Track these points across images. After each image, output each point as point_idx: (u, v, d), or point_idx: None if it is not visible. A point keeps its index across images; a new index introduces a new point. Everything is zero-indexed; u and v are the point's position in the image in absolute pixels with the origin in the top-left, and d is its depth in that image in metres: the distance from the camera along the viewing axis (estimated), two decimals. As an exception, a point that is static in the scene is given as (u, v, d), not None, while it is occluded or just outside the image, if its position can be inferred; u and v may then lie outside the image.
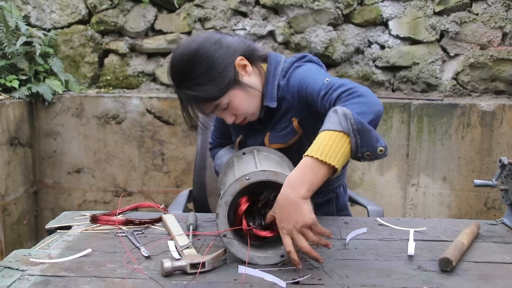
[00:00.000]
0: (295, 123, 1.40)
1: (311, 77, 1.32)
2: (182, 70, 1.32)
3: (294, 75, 1.38)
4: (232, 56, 1.35)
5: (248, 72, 1.39)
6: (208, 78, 1.31)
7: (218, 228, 1.12)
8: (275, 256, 1.13)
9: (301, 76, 1.35)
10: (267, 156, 1.33)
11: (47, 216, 3.13)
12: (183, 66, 1.32)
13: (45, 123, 3.12)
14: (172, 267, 1.05)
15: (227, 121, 1.42)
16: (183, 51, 1.32)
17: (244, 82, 1.37)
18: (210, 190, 2.10)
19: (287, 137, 1.42)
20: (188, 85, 1.32)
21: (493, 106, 2.91)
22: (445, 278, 1.06)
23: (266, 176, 1.12)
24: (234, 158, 1.38)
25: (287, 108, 1.41)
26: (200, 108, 1.38)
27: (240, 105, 1.38)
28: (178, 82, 1.34)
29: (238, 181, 1.11)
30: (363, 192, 2.99)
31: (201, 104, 1.36)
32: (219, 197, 1.13)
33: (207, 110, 1.38)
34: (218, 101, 1.34)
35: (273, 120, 1.44)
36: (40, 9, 3.38)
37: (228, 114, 1.40)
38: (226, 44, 1.35)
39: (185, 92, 1.33)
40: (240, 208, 1.17)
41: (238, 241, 1.14)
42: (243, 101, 1.38)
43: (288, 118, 1.41)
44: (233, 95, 1.35)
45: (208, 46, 1.32)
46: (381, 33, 3.28)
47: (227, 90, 1.33)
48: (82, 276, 1.05)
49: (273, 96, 1.40)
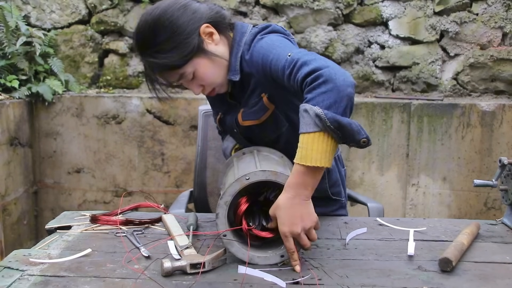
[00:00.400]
0: (264, 99, 1.35)
1: (274, 52, 1.24)
2: (145, 37, 1.28)
3: (256, 49, 1.30)
4: (197, 23, 1.29)
5: (215, 40, 1.33)
6: (171, 45, 1.26)
7: (218, 228, 1.12)
8: (275, 256, 1.13)
9: (264, 51, 1.28)
10: (267, 156, 1.33)
11: (47, 216, 3.13)
12: (145, 32, 1.27)
13: (45, 123, 3.12)
14: (172, 267, 1.05)
15: (194, 92, 1.37)
16: (147, 17, 1.28)
17: (209, 50, 1.31)
18: (210, 190, 2.10)
19: (259, 114, 1.37)
20: (150, 52, 1.28)
21: (493, 106, 2.91)
22: (445, 278, 1.06)
23: (266, 176, 1.12)
24: (234, 158, 1.38)
25: (255, 84, 1.35)
26: (164, 77, 1.33)
27: (205, 74, 1.32)
28: (141, 49, 1.30)
29: (238, 181, 1.11)
30: (363, 192, 2.99)
31: (165, 73, 1.32)
32: (219, 197, 1.13)
33: (172, 79, 1.34)
34: (182, 69, 1.29)
35: (245, 96, 1.39)
36: (40, 9, 3.38)
37: (194, 84, 1.35)
38: (192, 10, 1.29)
39: (148, 59, 1.29)
40: (240, 208, 1.17)
41: (238, 241, 1.14)
42: (209, 70, 1.32)
43: (258, 93, 1.36)
44: (197, 64, 1.30)
45: (172, 11, 1.27)
46: (381, 33, 3.28)
47: (190, 57, 1.28)
48: (82, 276, 1.05)
49: (236, 69, 1.34)
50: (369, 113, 2.97)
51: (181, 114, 3.09)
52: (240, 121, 1.41)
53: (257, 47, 1.31)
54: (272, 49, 1.26)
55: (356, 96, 3.31)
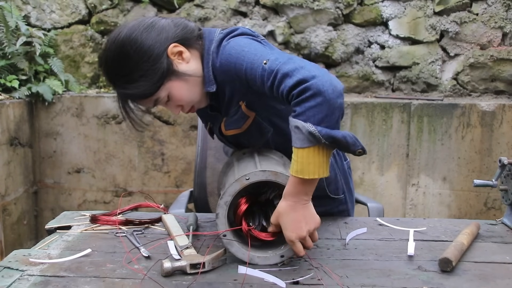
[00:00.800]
0: (243, 107, 1.29)
1: (245, 59, 1.17)
2: (111, 69, 1.23)
3: (225, 57, 1.22)
4: (164, 44, 1.21)
5: (186, 58, 1.25)
6: (139, 73, 1.20)
7: (218, 228, 1.12)
8: (275, 256, 1.13)
9: (234, 59, 1.19)
10: (267, 156, 1.33)
11: (47, 216, 3.13)
12: (111, 64, 1.22)
13: (45, 123, 3.12)
14: (172, 267, 1.05)
15: (174, 112, 1.32)
16: (111, 46, 1.22)
17: (180, 71, 1.24)
18: (210, 191, 2.10)
19: (240, 122, 1.31)
20: (119, 83, 1.23)
21: (493, 106, 2.91)
22: (445, 278, 1.06)
23: (266, 177, 1.12)
24: (234, 158, 1.38)
25: (231, 91, 1.29)
26: (139, 105, 1.29)
27: (181, 96, 1.26)
28: (110, 81, 1.26)
29: (238, 181, 1.11)
30: (363, 192, 2.99)
31: (139, 101, 1.27)
32: (219, 197, 1.13)
33: (147, 105, 1.29)
34: (155, 96, 1.24)
35: (224, 105, 1.34)
36: (40, 9, 3.38)
37: (171, 106, 1.29)
38: (157, 31, 1.21)
39: (119, 91, 1.25)
40: (240, 208, 1.17)
41: (238, 241, 1.14)
42: (184, 91, 1.26)
43: (236, 101, 1.30)
44: (170, 87, 1.24)
45: (135, 37, 1.19)
46: (381, 33, 3.28)
47: (161, 83, 1.21)
48: (82, 276, 1.05)
49: (210, 80, 1.27)
50: (369, 113, 2.97)
51: (181, 114, 3.08)
52: (224, 131, 1.37)
53: (224, 54, 1.23)
54: (243, 56, 1.18)
55: (356, 96, 3.31)
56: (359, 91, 3.35)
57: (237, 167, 1.27)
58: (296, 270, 1.10)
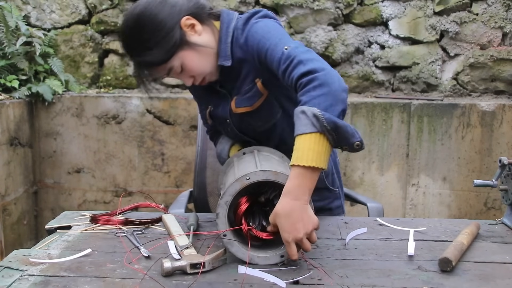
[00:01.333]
0: (259, 84, 1.36)
1: (270, 40, 1.26)
2: (128, 38, 1.33)
3: (251, 33, 1.32)
4: (177, 17, 1.31)
5: (198, 31, 1.34)
6: (153, 42, 1.29)
7: (218, 228, 1.12)
8: (275, 256, 1.13)
9: (259, 37, 1.29)
10: (267, 156, 1.33)
11: (47, 216, 3.13)
12: (128, 34, 1.32)
13: (45, 123, 3.12)
14: (172, 267, 1.05)
15: (186, 83, 1.40)
16: (128, 18, 1.32)
17: (192, 41, 1.32)
18: (210, 191, 2.10)
19: (253, 100, 1.38)
20: (136, 52, 1.32)
21: (493, 106, 2.91)
22: (445, 278, 1.06)
23: (267, 176, 1.11)
24: (234, 158, 1.38)
25: (248, 69, 1.37)
26: (154, 73, 1.37)
27: (193, 65, 1.34)
28: (127, 50, 1.35)
29: (238, 181, 1.11)
30: (363, 192, 2.99)
31: (153, 69, 1.35)
32: (219, 197, 1.13)
33: (161, 73, 1.37)
34: (169, 64, 1.32)
35: (237, 83, 1.40)
36: (40, 9, 3.38)
37: (185, 76, 1.37)
38: (170, 4, 1.31)
39: (135, 59, 1.34)
40: (240, 208, 1.17)
41: (238, 241, 1.14)
42: (196, 61, 1.34)
43: (251, 79, 1.37)
44: (183, 56, 1.32)
45: (150, 9, 1.29)
46: (381, 33, 3.28)
47: (174, 52, 1.30)
48: (82, 276, 1.05)
49: (227, 54, 1.36)
50: (369, 113, 2.97)
51: (181, 114, 3.09)
52: (233, 108, 1.41)
53: (251, 31, 1.32)
54: (269, 37, 1.27)
55: (356, 96, 3.31)
56: (359, 91, 3.35)
57: (237, 167, 1.27)
58: (296, 270, 1.10)
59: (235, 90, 1.42)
